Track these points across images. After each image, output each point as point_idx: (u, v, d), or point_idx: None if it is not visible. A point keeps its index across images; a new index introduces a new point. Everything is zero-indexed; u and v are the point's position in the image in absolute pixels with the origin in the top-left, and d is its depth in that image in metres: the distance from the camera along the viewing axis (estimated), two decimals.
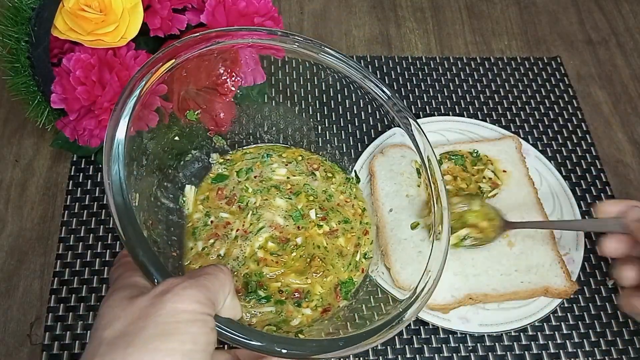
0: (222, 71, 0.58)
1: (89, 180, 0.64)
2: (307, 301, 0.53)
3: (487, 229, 0.57)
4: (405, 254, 0.56)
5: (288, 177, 0.61)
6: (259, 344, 0.35)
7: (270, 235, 0.56)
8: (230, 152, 0.62)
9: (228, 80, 0.59)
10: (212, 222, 0.57)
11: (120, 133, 0.40)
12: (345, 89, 0.58)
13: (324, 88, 0.68)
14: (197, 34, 0.48)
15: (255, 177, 0.60)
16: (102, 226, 0.61)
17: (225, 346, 0.51)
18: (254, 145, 0.64)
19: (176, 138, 0.57)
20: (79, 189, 0.63)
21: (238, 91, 0.60)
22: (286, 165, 0.62)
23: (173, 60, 0.46)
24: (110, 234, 0.60)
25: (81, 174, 0.64)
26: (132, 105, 0.41)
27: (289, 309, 0.52)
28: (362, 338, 0.40)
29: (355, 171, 0.63)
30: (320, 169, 0.62)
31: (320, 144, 0.63)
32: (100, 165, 0.64)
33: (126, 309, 0.31)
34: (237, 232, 0.56)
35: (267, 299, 0.52)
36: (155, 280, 0.35)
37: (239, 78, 0.60)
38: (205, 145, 0.60)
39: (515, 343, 0.56)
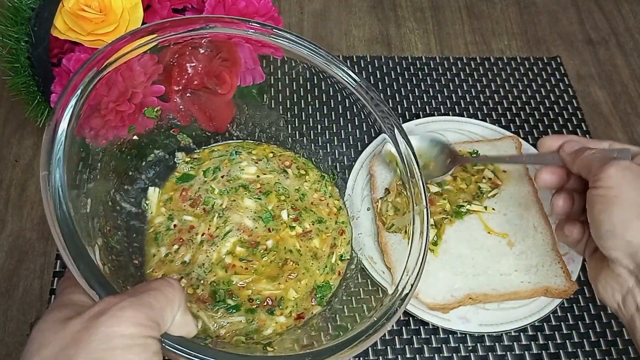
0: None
1: None
2: (281, 308, 0.50)
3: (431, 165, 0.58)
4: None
5: (258, 176, 0.57)
6: None
7: (239, 239, 0.53)
8: (197, 151, 0.59)
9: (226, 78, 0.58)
10: (175, 226, 0.53)
11: (61, 132, 0.36)
12: (339, 94, 0.56)
13: (316, 93, 0.67)
14: (150, 24, 0.46)
15: (222, 176, 0.57)
16: None
17: None
18: (223, 143, 0.60)
19: (135, 137, 0.53)
20: None
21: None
22: (256, 162, 0.58)
23: (117, 56, 0.42)
24: None
25: None
26: (74, 101, 0.38)
27: (261, 318, 0.49)
28: (332, 352, 0.38)
29: (331, 169, 0.61)
30: (292, 166, 0.59)
31: (312, 150, 0.62)
32: None
33: (57, 333, 0.28)
34: (203, 236, 0.53)
35: (237, 308, 0.49)
36: (98, 297, 0.32)
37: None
38: (168, 144, 0.57)
39: (515, 343, 0.56)
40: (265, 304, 0.50)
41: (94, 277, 0.32)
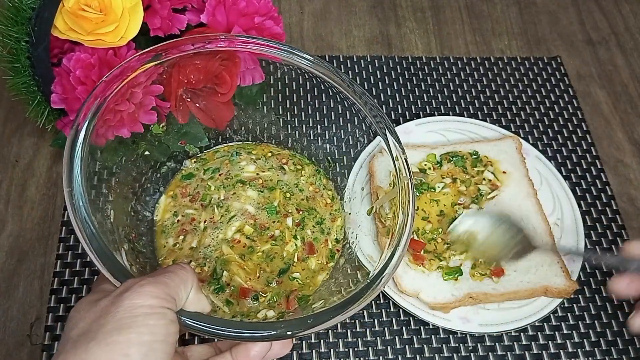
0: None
1: None
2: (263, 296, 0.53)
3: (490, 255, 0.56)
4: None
5: (257, 174, 0.61)
6: (228, 332, 0.37)
7: (244, 223, 0.56)
8: (203, 152, 0.63)
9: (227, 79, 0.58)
10: (178, 220, 0.58)
11: (78, 148, 0.41)
12: (338, 96, 0.56)
13: (316, 95, 0.67)
14: (179, 39, 0.48)
15: (220, 174, 0.61)
16: None
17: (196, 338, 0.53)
18: (226, 145, 0.64)
19: (146, 153, 0.57)
20: None
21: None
22: (255, 162, 0.62)
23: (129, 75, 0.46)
24: None
25: None
26: (87, 122, 0.42)
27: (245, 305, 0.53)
28: (331, 314, 0.39)
29: (327, 159, 0.62)
30: (289, 162, 0.63)
31: (313, 150, 0.63)
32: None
33: (90, 310, 0.34)
34: (205, 223, 0.57)
35: (222, 289, 0.53)
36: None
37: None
38: (178, 155, 0.61)
39: (515, 343, 0.56)
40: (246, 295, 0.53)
41: (118, 271, 0.38)
